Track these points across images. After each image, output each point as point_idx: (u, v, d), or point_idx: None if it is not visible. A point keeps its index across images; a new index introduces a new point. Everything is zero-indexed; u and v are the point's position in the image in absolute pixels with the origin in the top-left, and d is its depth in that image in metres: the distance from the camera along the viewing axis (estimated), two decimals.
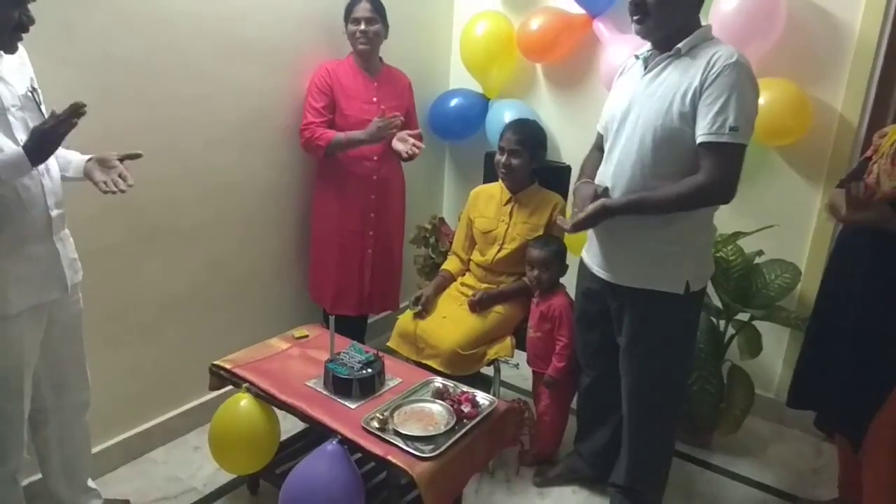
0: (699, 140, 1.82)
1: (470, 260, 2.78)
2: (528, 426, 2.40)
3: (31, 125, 1.66)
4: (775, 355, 2.91)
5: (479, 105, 3.41)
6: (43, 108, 1.74)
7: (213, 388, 2.26)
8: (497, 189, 2.71)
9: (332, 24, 2.79)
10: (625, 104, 1.99)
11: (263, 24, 2.61)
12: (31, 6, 1.58)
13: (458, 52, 3.42)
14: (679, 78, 1.86)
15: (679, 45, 1.87)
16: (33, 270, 1.72)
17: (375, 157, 2.79)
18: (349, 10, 2.71)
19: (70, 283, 1.84)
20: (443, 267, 2.83)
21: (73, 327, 1.92)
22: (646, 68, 1.96)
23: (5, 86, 1.65)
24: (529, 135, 2.59)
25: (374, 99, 2.77)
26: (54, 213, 1.76)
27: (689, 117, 1.83)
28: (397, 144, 2.74)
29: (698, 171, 1.84)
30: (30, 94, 1.72)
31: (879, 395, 1.97)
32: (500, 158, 2.59)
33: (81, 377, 1.99)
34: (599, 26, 3.01)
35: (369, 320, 3.16)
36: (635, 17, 1.90)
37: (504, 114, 3.17)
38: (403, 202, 3.05)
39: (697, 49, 1.86)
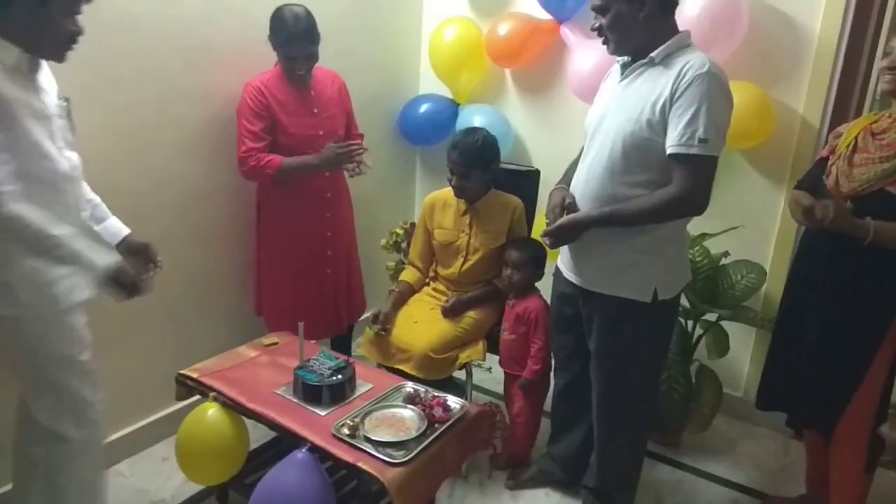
0: (669, 151, 1.79)
1: (429, 269, 2.76)
2: (500, 429, 2.40)
3: (67, 135, 1.75)
4: (742, 355, 2.95)
5: (449, 110, 3.41)
6: (73, 117, 1.82)
7: (179, 398, 2.22)
8: (452, 194, 2.66)
9: None
10: (601, 110, 1.99)
11: (230, 28, 2.58)
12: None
13: (427, 57, 3.42)
14: (651, 87, 1.84)
15: (653, 54, 1.85)
16: None
17: (328, 174, 2.63)
18: (285, 43, 2.44)
19: None
20: (400, 278, 2.77)
21: None
22: (623, 75, 1.96)
23: (46, 95, 1.70)
24: (476, 154, 2.51)
25: (315, 110, 2.59)
26: None
27: (659, 127, 1.81)
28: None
29: (669, 180, 1.83)
30: (64, 103, 1.78)
31: (847, 391, 2.00)
32: (451, 178, 2.56)
33: None
34: (566, 32, 3.04)
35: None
36: (601, 39, 1.93)
37: (474, 118, 3.18)
38: (352, 209, 2.88)
39: (672, 57, 1.83)
